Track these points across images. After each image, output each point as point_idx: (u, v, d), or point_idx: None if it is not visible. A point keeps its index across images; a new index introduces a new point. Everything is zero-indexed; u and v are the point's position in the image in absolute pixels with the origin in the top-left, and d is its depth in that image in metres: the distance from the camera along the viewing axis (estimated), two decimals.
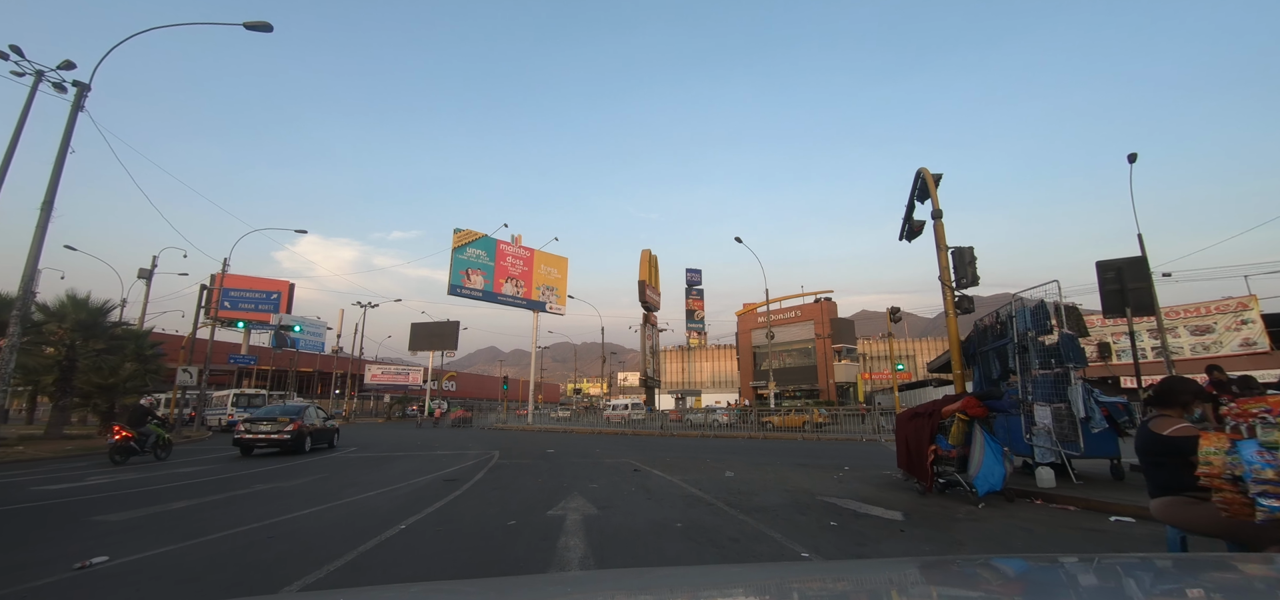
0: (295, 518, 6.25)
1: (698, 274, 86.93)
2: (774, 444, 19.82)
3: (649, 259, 58.73)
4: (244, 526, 5.80)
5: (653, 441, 21.59)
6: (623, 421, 41.19)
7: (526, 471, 11.05)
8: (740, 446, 18.74)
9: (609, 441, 21.81)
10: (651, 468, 11.38)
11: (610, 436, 26.73)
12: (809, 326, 52.97)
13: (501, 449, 17.51)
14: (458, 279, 39.57)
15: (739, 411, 37.80)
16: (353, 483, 9.26)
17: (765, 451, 16.32)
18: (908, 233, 13.45)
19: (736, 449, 17.57)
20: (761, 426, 29.79)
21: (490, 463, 12.72)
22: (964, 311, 10.15)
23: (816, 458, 14.16)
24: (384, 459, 14.30)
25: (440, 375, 76.65)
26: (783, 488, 8.44)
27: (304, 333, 59.23)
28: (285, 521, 6.05)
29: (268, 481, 9.50)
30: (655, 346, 62.23)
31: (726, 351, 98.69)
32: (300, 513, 6.56)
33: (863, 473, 10.57)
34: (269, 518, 6.25)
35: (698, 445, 19.34)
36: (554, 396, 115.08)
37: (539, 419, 44.15)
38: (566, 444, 20.19)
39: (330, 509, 6.85)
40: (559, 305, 45.56)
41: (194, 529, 5.70)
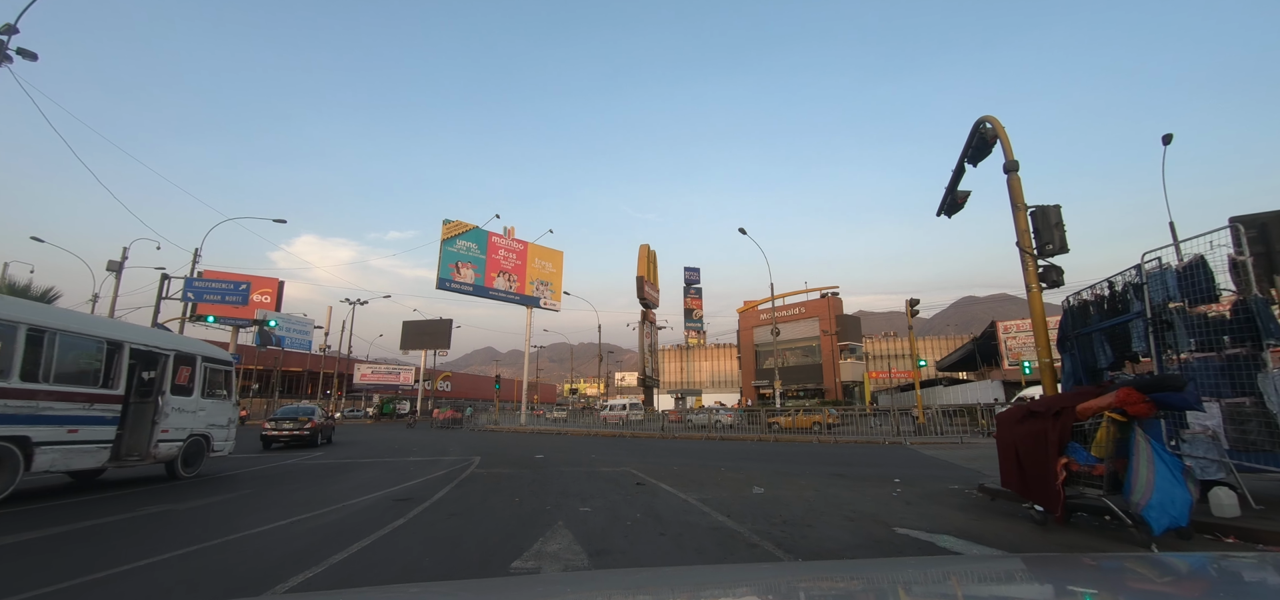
0: (149, 564, 4.14)
1: (696, 273, 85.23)
2: (789, 448, 17.75)
3: (647, 254, 56.68)
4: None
5: (654, 445, 19.48)
6: (620, 422, 39.04)
7: (504, 485, 8.94)
8: (751, 451, 16.67)
9: (606, 445, 19.70)
10: (659, 480, 9.28)
11: (607, 439, 24.62)
12: (813, 323, 50.97)
13: (484, 454, 15.40)
14: (447, 273, 37.40)
15: (743, 412, 35.71)
16: (273, 505, 7.13)
17: (784, 457, 14.24)
18: (949, 206, 11.40)
19: (749, 454, 15.50)
20: (769, 428, 27.74)
21: (464, 472, 10.61)
22: (1051, 285, 8.08)
23: (849, 465, 12.08)
24: (344, 466, 12.18)
25: (434, 375, 74.48)
26: (838, 512, 6.35)
27: (281, 327, 56.95)
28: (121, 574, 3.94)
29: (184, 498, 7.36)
30: (654, 345, 60.17)
31: (726, 351, 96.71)
32: (149, 560, 4.44)
33: (923, 487, 8.48)
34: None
35: (704, 450, 17.25)
36: (551, 397, 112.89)
37: (533, 420, 42.00)
38: (559, 447, 18.09)
39: (200, 554, 4.73)
40: (554, 301, 43.43)
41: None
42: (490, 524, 5.85)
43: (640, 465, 11.92)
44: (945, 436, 20.59)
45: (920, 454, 15.06)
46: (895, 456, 14.39)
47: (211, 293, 22.72)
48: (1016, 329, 34.75)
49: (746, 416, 30.59)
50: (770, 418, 29.78)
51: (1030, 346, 33.74)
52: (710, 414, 33.72)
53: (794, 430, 26.37)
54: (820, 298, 51.30)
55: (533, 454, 15.29)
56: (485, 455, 14.99)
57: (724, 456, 14.42)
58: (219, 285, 22.92)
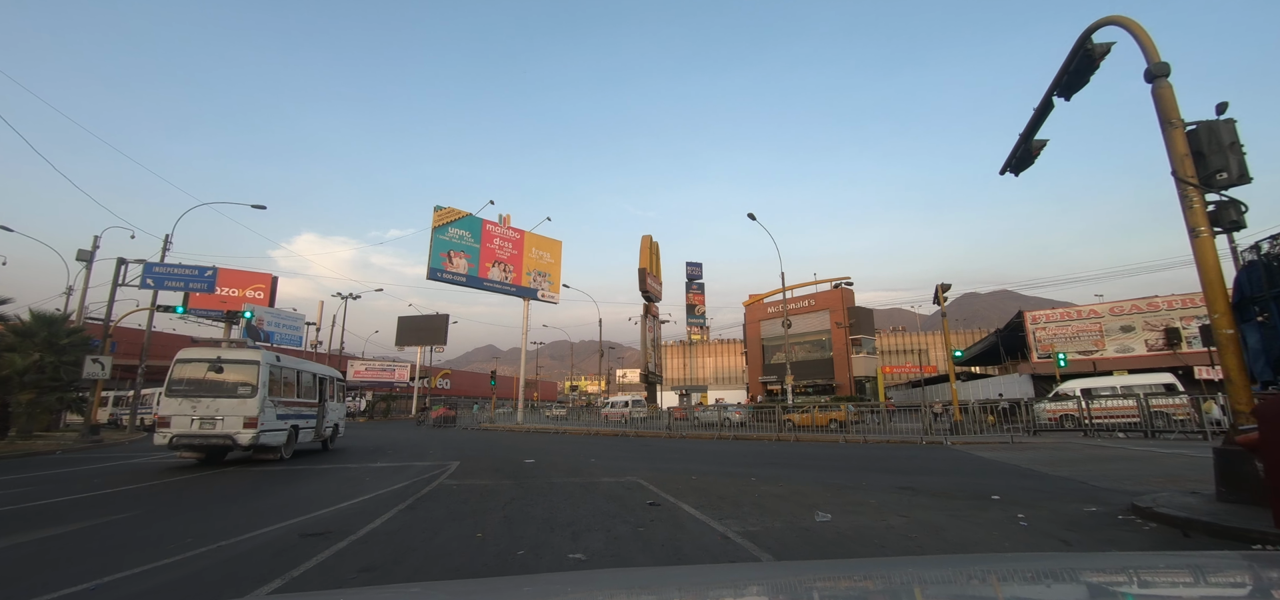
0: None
1: (698, 268, 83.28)
2: (813, 450, 15.51)
3: (650, 246, 54.49)
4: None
5: (662, 446, 17.27)
6: (622, 421, 36.82)
7: (473, 506, 6.71)
8: (773, 453, 14.45)
9: (607, 446, 17.49)
10: (678, 499, 7.02)
11: (609, 439, 22.44)
12: (824, 316, 48.68)
13: (467, 457, 13.20)
14: (438, 263, 35.16)
15: (752, 408, 33.49)
16: (145, 541, 4.90)
17: (817, 462, 12.01)
18: (1020, 158, 9.21)
19: (772, 457, 13.28)
20: (784, 427, 25.58)
21: (430, 485, 8.41)
22: (1229, 227, 5.81)
23: (906, 472, 9.86)
24: (289, 474, 10.00)
25: (432, 373, 72.32)
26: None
27: (269, 323, 54.81)
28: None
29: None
30: (657, 339, 57.96)
31: (730, 346, 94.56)
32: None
33: (1045, 509, 6.19)
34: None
35: (720, 452, 15.05)
36: (551, 394, 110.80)
37: (531, 417, 39.84)
38: (554, 449, 15.91)
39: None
40: (552, 293, 41.19)
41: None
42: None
43: (650, 474, 9.70)
44: (986, 435, 18.35)
45: (974, 456, 12.84)
46: (947, 461, 12.16)
47: (173, 278, 20.56)
48: (1046, 319, 32.46)
49: (756, 414, 28.30)
50: (785, 415, 27.61)
51: (1063, 338, 31.51)
52: (719, 411, 31.49)
53: (810, 428, 24.16)
54: (831, 289, 49.03)
55: (522, 457, 13.08)
56: (467, 458, 12.78)
57: (746, 461, 12.20)
58: (181, 271, 20.71)
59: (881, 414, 25.75)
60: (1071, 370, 27.26)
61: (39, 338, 21.26)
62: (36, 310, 22.28)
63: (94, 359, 19.10)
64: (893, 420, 23.58)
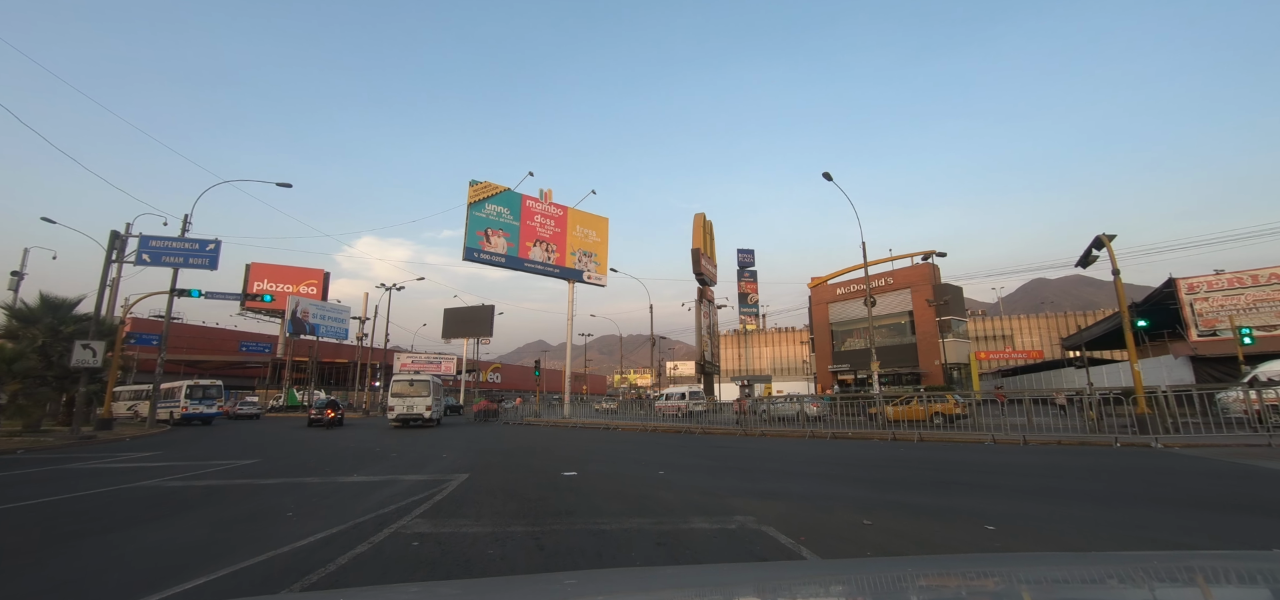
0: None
1: (750, 254, 78.65)
2: (951, 455, 10.99)
3: (703, 224, 50.08)
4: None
5: (741, 449, 13.14)
6: (678, 414, 32.84)
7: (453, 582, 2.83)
8: (891, 458, 10.12)
9: (672, 448, 13.53)
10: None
11: (671, 438, 18.49)
12: (904, 296, 42.91)
13: (484, 466, 9.55)
14: (475, 241, 32.14)
15: (828, 399, 28.66)
16: None
17: (996, 478, 7.61)
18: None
19: (903, 466, 8.95)
20: (876, 422, 20.87)
21: (407, 516, 4.70)
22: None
23: (1164, 499, 5.43)
24: (209, 495, 6.55)
25: (481, 366, 70.62)
26: None
27: (316, 316, 53.89)
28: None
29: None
30: (713, 326, 53.57)
31: (788, 335, 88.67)
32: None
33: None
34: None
35: (817, 455, 10.90)
36: (600, 388, 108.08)
37: (579, 411, 36.46)
38: (604, 451, 12.11)
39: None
40: (599, 274, 37.57)
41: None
42: None
43: (766, 505, 5.67)
44: (1208, 434, 13.16)
45: (1235, 465, 8.11)
46: (1186, 471, 7.50)
47: (171, 253, 18.13)
48: (1207, 288, 25.96)
49: (833, 405, 23.45)
50: (874, 408, 22.85)
51: (1234, 310, 25.08)
52: (793, 402, 26.88)
53: (905, 422, 19.41)
54: (913, 264, 43.22)
55: (561, 468, 9.26)
56: (482, 468, 9.11)
57: (881, 474, 7.98)
58: (179, 245, 18.23)
59: (995, 405, 20.59)
60: (1261, 351, 21.16)
61: (42, 324, 19.28)
62: (47, 294, 20.41)
63: (84, 345, 16.72)
64: (1008, 413, 18.49)
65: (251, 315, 63.55)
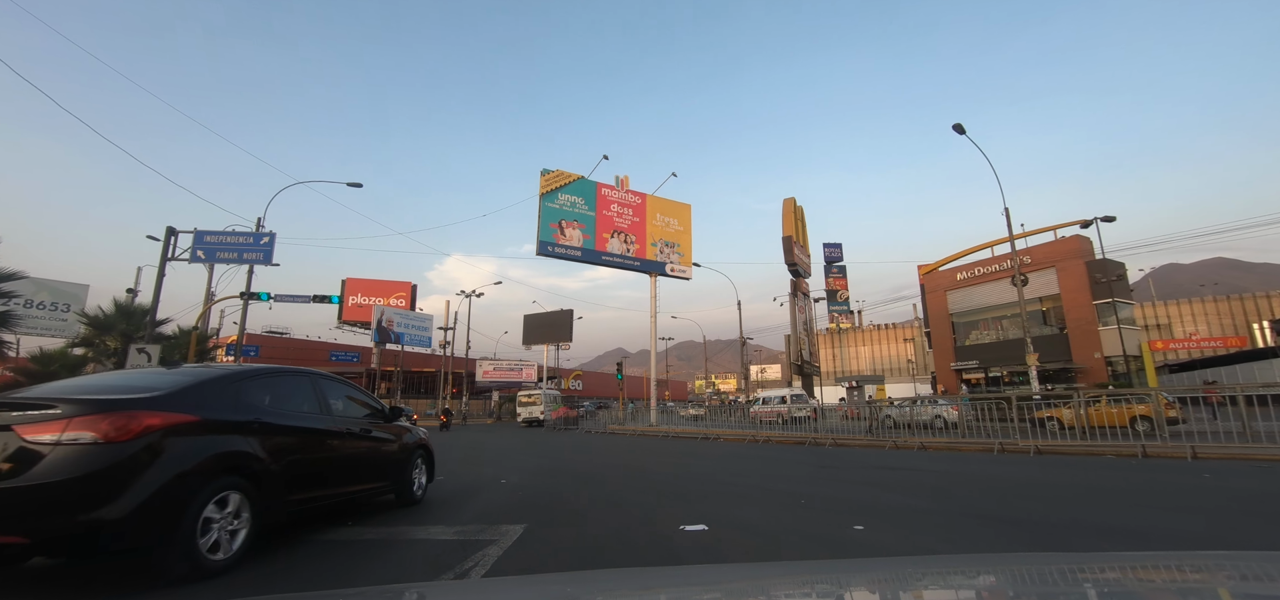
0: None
1: (837, 249, 71.91)
2: (1232, 483, 6.23)
3: (793, 209, 45.13)
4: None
5: (915, 469, 8.97)
6: (778, 420, 28.43)
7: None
8: (1139, 489, 5.58)
9: (807, 465, 9.58)
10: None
11: (793, 450, 14.46)
12: (1048, 277, 35.80)
13: (560, 502, 6.21)
14: (548, 235, 29.67)
15: (968, 402, 23.12)
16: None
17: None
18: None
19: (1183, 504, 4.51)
20: (1042, 426, 15.60)
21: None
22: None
23: None
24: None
25: (563, 374, 69.27)
26: None
27: (401, 326, 54.21)
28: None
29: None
30: (810, 321, 48.32)
31: (887, 332, 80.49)
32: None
33: None
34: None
35: (1024, 478, 6.46)
36: (681, 394, 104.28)
37: (665, 418, 32.96)
38: (724, 476, 8.46)
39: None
40: (683, 266, 34.01)
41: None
42: None
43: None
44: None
45: None
46: None
47: (226, 248, 16.76)
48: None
49: (975, 408, 18.05)
50: (1040, 412, 17.51)
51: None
52: (925, 404, 21.72)
53: (1079, 431, 14.04)
54: (1059, 238, 36.01)
55: (674, 513, 5.68)
56: (554, 509, 5.78)
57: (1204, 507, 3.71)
58: (234, 239, 16.80)
59: (1202, 407, 14.56)
60: None
61: (117, 331, 18.53)
62: (120, 301, 19.84)
63: (139, 349, 15.40)
64: (1221, 417, 12.62)
65: (348, 328, 66.06)
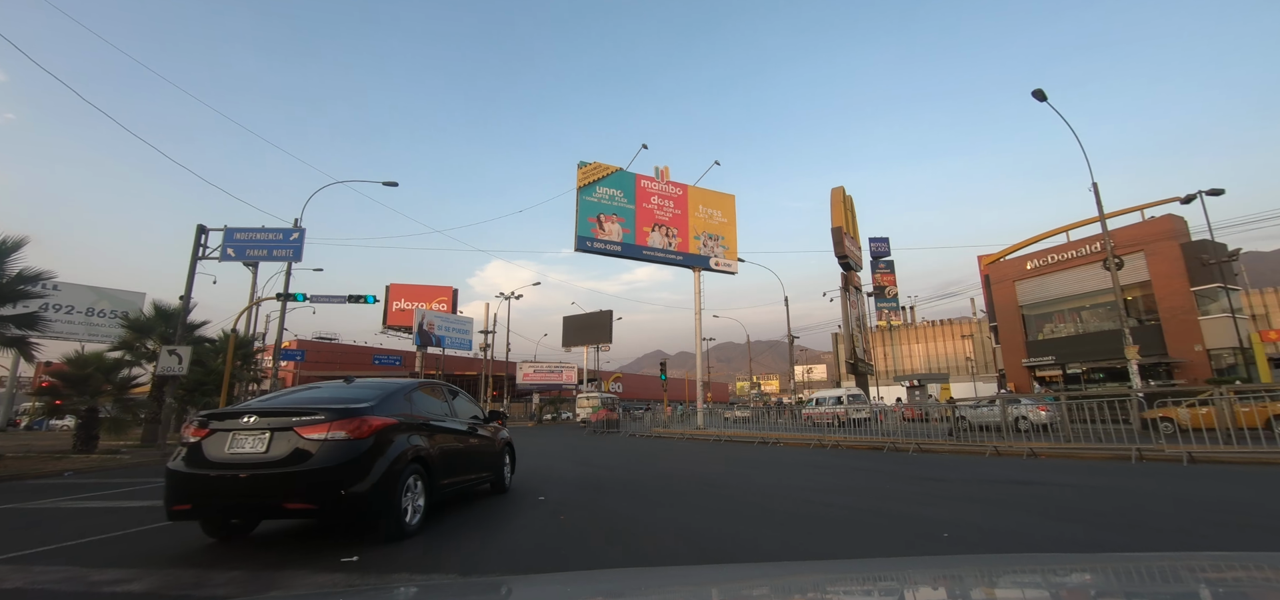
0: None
1: (885, 243, 68.59)
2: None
3: (842, 199, 42.56)
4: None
5: (1029, 478, 7.09)
6: (833, 422, 26.28)
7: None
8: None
9: (907, 479, 7.82)
10: None
11: (874, 457, 12.61)
12: (1136, 262, 32.26)
13: (611, 526, 4.75)
14: (587, 229, 28.49)
15: (1050, 399, 20.49)
16: None
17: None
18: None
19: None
20: (1156, 428, 13.14)
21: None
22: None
23: None
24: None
25: (602, 376, 68.37)
26: None
27: (441, 329, 54.21)
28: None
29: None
30: (862, 316, 45.55)
31: (942, 329, 75.92)
32: None
33: None
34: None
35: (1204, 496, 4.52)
36: (722, 396, 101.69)
37: (711, 421, 31.23)
38: (790, 482, 6.85)
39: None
40: (728, 259, 32.25)
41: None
42: None
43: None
44: None
45: None
46: None
47: (255, 245, 16.22)
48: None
49: (1059, 408, 15.50)
50: (1145, 413, 14.96)
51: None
52: (1003, 401, 19.24)
53: (1198, 434, 11.53)
54: (1146, 218, 32.43)
55: (745, 519, 4.14)
56: (600, 555, 4.30)
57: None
58: (263, 236, 16.23)
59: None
60: None
61: (156, 334, 18.26)
62: (160, 304, 19.66)
63: (171, 351, 14.89)
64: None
65: (392, 332, 67.02)
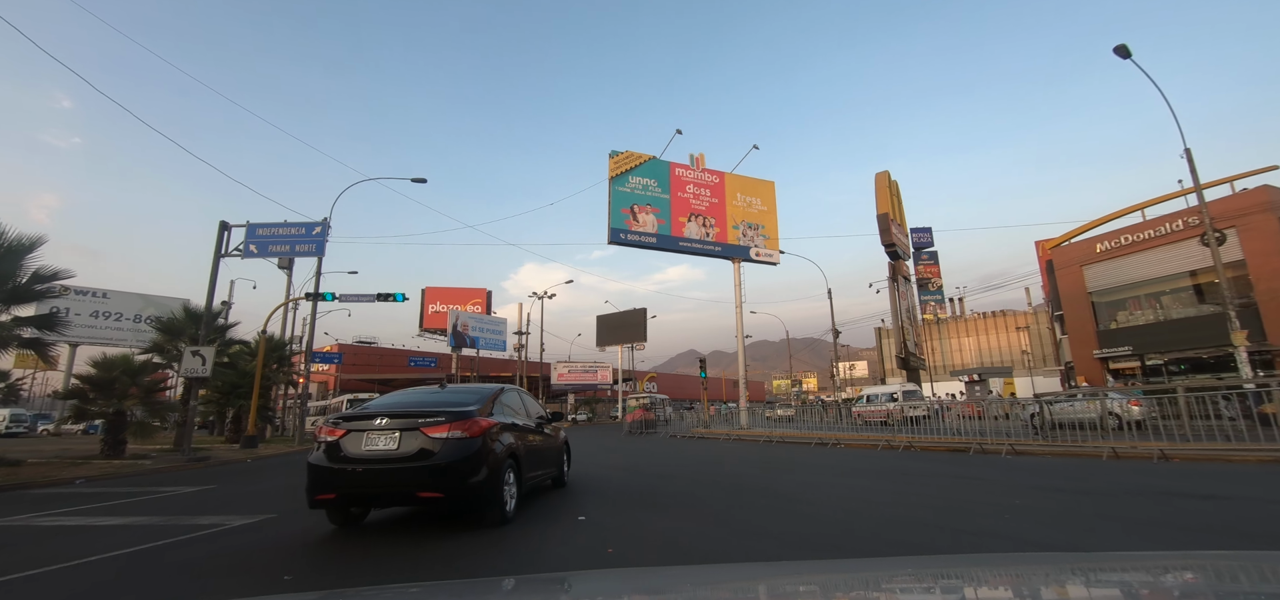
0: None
1: (927, 234, 65.49)
2: None
3: (888, 184, 40.24)
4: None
5: (1189, 488, 5.46)
6: (887, 420, 24.36)
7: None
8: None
9: (1016, 489, 6.28)
10: None
11: (942, 460, 10.97)
12: (1228, 239, 29.04)
13: (669, 559, 3.48)
14: (620, 221, 27.31)
15: (1139, 392, 18.11)
16: None
17: None
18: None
19: None
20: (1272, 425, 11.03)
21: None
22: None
23: None
24: None
25: (637, 376, 67.24)
26: None
27: (475, 330, 53.95)
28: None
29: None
30: (912, 307, 43.13)
31: (994, 321, 71.97)
32: None
33: None
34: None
35: None
36: (758, 395, 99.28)
37: (755, 420, 29.63)
38: (876, 493, 5.44)
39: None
40: (769, 249, 30.56)
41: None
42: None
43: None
44: None
45: None
46: None
47: (278, 241, 15.69)
48: None
49: (1159, 402, 13.14)
50: (1264, 407, 12.74)
51: None
52: (1097, 399, 17.06)
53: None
54: (1246, 190, 29.20)
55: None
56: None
57: None
58: (285, 231, 15.68)
59: None
60: None
61: (186, 335, 17.94)
62: (190, 306, 19.39)
63: (194, 352, 14.35)
64: None
65: (428, 335, 67.55)
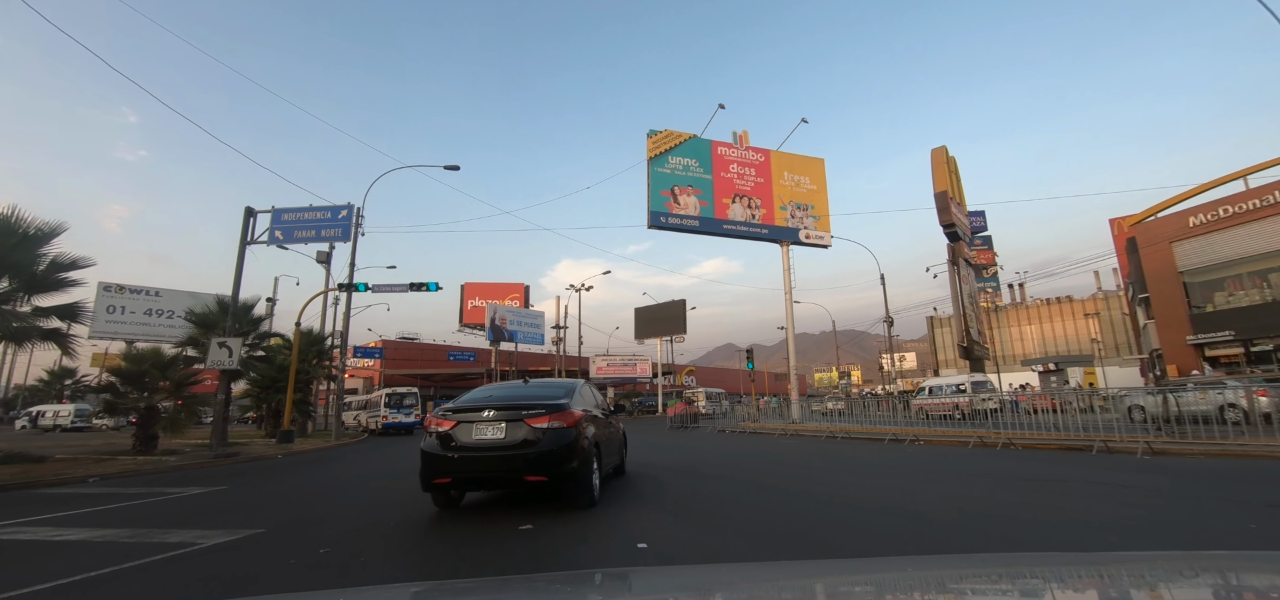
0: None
1: (981, 217, 61.30)
2: None
3: (946, 160, 37.17)
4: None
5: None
6: (955, 414, 22.11)
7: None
8: None
9: (1206, 503, 4.53)
10: None
11: (1059, 460, 9.12)
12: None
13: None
14: (660, 204, 25.85)
15: (1261, 380, 15.42)
16: None
17: None
18: None
19: None
20: None
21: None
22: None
23: None
24: None
25: (676, 369, 65.84)
26: None
27: (513, 323, 53.53)
28: None
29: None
30: (974, 293, 40.02)
31: (1059, 308, 67.16)
32: None
33: None
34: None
35: None
36: (801, 389, 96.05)
37: (809, 414, 27.74)
38: (1023, 506, 3.83)
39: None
40: (820, 231, 28.52)
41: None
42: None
43: None
44: None
45: None
46: None
47: (303, 226, 15.09)
48: None
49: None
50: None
51: None
52: (1218, 390, 14.55)
53: None
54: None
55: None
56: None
57: None
58: (311, 216, 15.01)
59: None
60: None
61: (220, 328, 17.54)
62: (224, 298, 19.06)
63: (221, 343, 13.74)
64: None
65: (468, 330, 67.89)
